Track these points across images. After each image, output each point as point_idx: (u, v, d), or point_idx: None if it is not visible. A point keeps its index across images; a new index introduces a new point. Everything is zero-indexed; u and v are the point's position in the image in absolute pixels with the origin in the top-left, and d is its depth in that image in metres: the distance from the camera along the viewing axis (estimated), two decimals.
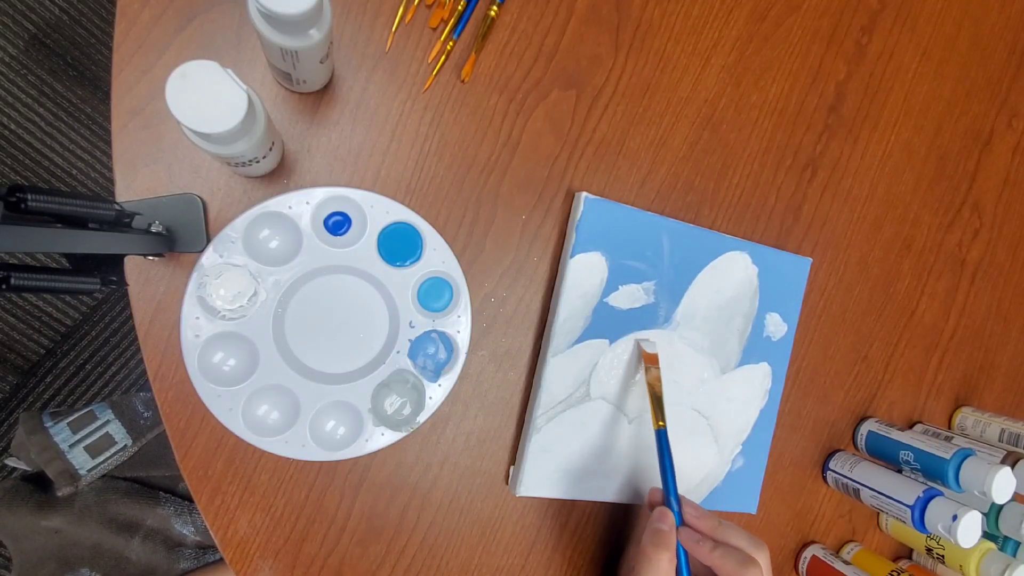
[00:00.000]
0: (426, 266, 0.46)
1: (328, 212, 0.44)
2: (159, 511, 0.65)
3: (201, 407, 0.42)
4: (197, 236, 0.42)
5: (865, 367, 0.62)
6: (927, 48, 0.62)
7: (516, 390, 0.50)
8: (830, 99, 0.58)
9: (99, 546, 0.63)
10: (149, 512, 0.64)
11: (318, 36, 0.35)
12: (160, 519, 0.64)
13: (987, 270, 0.67)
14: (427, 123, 0.47)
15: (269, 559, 0.45)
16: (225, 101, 0.32)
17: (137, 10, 0.42)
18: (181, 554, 0.65)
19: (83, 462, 0.62)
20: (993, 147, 0.66)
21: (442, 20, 0.47)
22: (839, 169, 0.59)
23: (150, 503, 0.65)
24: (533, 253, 0.50)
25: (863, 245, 0.61)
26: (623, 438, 0.50)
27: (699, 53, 0.54)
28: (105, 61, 0.97)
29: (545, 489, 0.48)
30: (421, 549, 0.48)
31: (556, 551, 0.51)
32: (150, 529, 0.64)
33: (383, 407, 0.45)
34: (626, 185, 0.52)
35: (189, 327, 0.42)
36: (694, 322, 0.52)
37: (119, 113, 0.42)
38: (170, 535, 0.65)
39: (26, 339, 0.92)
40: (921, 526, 0.52)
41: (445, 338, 0.46)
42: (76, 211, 0.32)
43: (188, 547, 0.66)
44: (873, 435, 0.59)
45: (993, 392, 0.68)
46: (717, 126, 0.54)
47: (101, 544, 0.63)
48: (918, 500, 0.52)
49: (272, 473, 0.45)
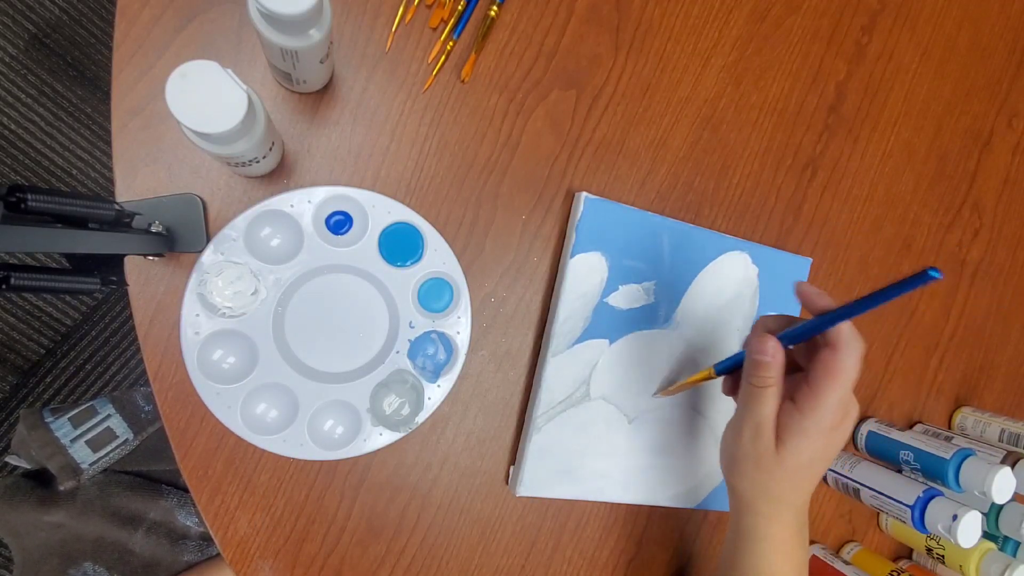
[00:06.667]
0: (427, 266, 0.46)
1: (330, 211, 0.44)
2: (162, 503, 0.65)
3: (201, 407, 0.42)
4: (197, 236, 0.42)
5: (865, 367, 0.61)
6: (927, 48, 0.62)
7: (516, 390, 0.50)
8: (830, 99, 0.58)
9: (102, 540, 0.63)
10: (152, 505, 0.64)
11: (318, 36, 0.35)
12: (163, 511, 0.64)
13: (987, 270, 0.67)
14: (427, 123, 0.47)
15: (269, 559, 0.45)
16: (225, 101, 0.32)
17: (137, 10, 0.42)
18: (184, 546, 0.65)
19: (85, 456, 0.62)
20: (993, 147, 0.66)
21: (442, 20, 0.47)
22: (839, 169, 0.59)
23: (152, 496, 0.65)
24: (533, 253, 0.50)
25: (863, 245, 0.61)
26: (623, 438, 0.50)
27: (699, 53, 0.54)
28: (105, 61, 0.97)
29: (545, 489, 0.48)
30: (421, 549, 0.48)
31: (556, 551, 0.51)
32: (153, 522, 0.64)
33: (381, 407, 0.45)
34: (626, 185, 0.52)
35: (189, 324, 0.42)
36: (694, 322, 0.52)
37: (119, 113, 0.42)
38: (173, 527, 0.65)
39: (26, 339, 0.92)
40: (921, 526, 0.52)
41: (445, 339, 0.46)
42: (76, 211, 0.32)
43: (192, 539, 0.66)
44: (873, 435, 0.59)
45: (993, 392, 0.68)
46: (717, 126, 0.54)
47: (104, 538, 0.63)
48: (918, 500, 0.52)
49: (272, 473, 0.45)
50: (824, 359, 0.37)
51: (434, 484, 0.48)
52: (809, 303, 0.39)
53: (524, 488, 0.47)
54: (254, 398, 0.43)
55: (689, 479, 0.53)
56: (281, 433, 0.43)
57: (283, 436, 0.43)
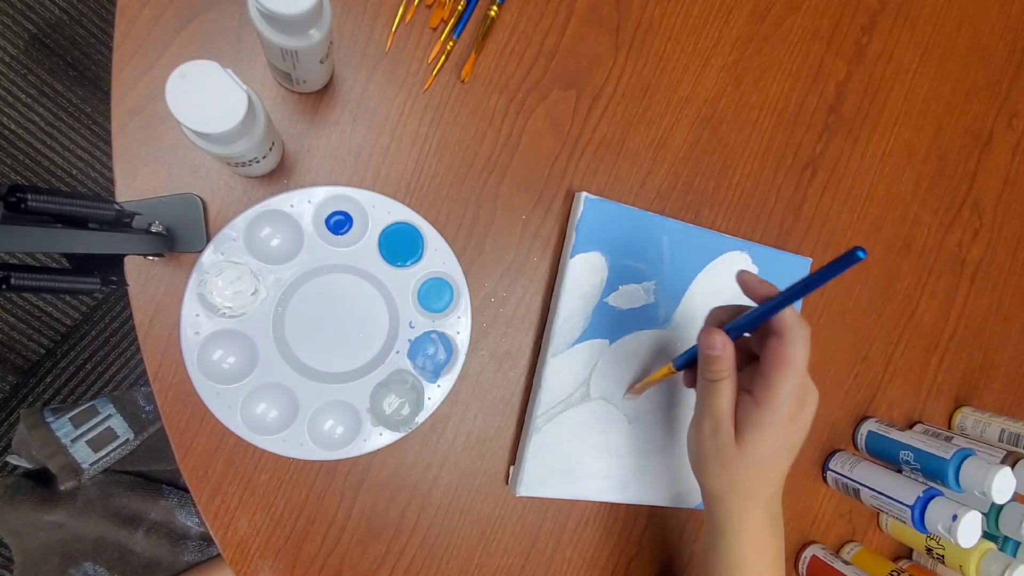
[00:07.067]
0: (427, 267, 0.46)
1: (330, 211, 0.44)
2: (162, 503, 0.65)
3: (201, 407, 0.42)
4: (197, 236, 0.42)
5: (865, 367, 0.62)
6: (927, 48, 0.62)
7: (516, 390, 0.50)
8: (830, 99, 0.58)
9: (102, 540, 0.63)
10: (152, 505, 0.64)
11: (318, 36, 0.35)
12: (164, 511, 0.65)
13: (987, 270, 0.67)
14: (427, 123, 0.47)
15: (269, 559, 0.45)
16: (225, 101, 0.32)
17: (137, 10, 0.42)
18: (185, 546, 0.65)
19: (85, 456, 0.62)
20: (993, 147, 0.66)
21: (442, 20, 0.47)
22: (839, 169, 0.59)
23: (153, 496, 0.65)
24: (533, 253, 0.50)
25: (863, 245, 0.61)
26: (623, 438, 0.50)
27: (699, 53, 0.54)
28: (105, 61, 0.97)
29: (545, 489, 0.48)
30: (421, 549, 0.48)
31: (556, 551, 0.51)
32: (154, 522, 0.64)
33: (381, 407, 0.45)
34: (626, 185, 0.52)
35: (189, 324, 0.42)
36: (694, 322, 0.52)
37: (119, 113, 0.42)
38: (174, 527, 0.65)
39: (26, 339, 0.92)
40: (921, 526, 0.52)
41: (445, 339, 0.46)
42: (76, 211, 0.32)
43: (192, 539, 0.66)
44: (873, 435, 0.59)
45: (993, 392, 0.68)
46: (717, 126, 0.54)
47: (104, 538, 0.63)
48: (918, 500, 0.52)
49: (272, 473, 0.45)
50: (772, 348, 0.37)
51: (434, 484, 0.48)
52: (751, 292, 0.39)
53: (524, 488, 0.47)
54: (254, 398, 0.43)
55: (689, 479, 0.53)
56: (281, 433, 0.43)
57: (283, 436, 0.43)
